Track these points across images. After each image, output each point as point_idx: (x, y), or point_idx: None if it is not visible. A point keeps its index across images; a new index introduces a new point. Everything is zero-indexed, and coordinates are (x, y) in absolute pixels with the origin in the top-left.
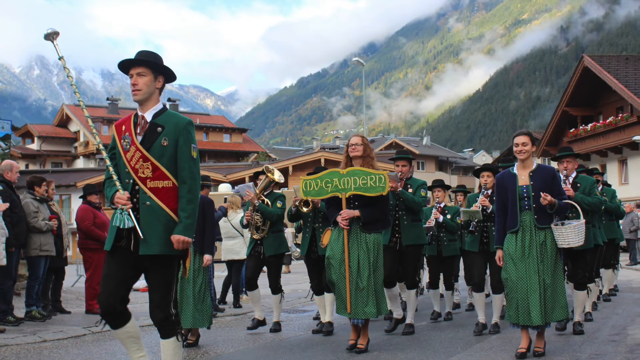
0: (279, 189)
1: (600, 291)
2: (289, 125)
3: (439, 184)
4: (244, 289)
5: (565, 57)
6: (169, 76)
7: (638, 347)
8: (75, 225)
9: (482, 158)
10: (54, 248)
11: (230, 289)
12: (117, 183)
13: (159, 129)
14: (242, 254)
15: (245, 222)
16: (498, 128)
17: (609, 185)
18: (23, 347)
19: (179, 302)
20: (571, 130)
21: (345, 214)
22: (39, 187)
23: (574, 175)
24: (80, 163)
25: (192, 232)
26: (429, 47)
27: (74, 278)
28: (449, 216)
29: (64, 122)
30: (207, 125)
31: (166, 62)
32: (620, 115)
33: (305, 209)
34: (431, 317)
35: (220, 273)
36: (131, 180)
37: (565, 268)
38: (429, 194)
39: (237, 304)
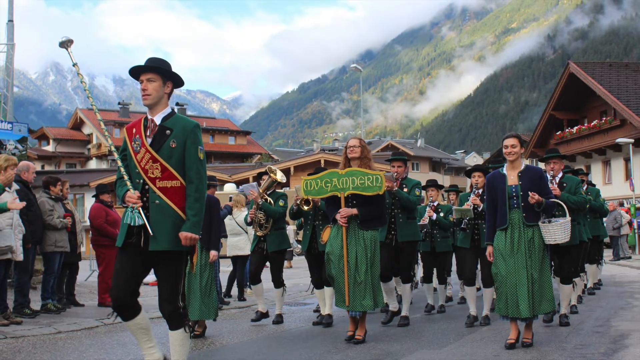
0: (281, 189)
1: (585, 285)
2: (291, 128)
3: (432, 184)
4: (248, 283)
5: (552, 64)
6: (177, 82)
7: (621, 338)
8: (88, 223)
9: (474, 159)
10: (69, 244)
11: (235, 283)
12: (128, 183)
13: (168, 131)
14: (246, 250)
15: (249, 219)
16: (488, 131)
17: (593, 185)
18: (39, 338)
19: (187, 296)
20: (557, 133)
21: (344, 212)
22: (54, 187)
23: (560, 175)
24: (93, 164)
25: (199, 229)
26: (423, 54)
27: (87, 273)
28: (442, 214)
29: (78, 125)
30: (213, 128)
31: (174, 69)
32: (604, 118)
33: (306, 208)
34: (425, 310)
35: (226, 268)
36: (141, 180)
37: (552, 263)
38: (423, 193)
39: (241, 297)
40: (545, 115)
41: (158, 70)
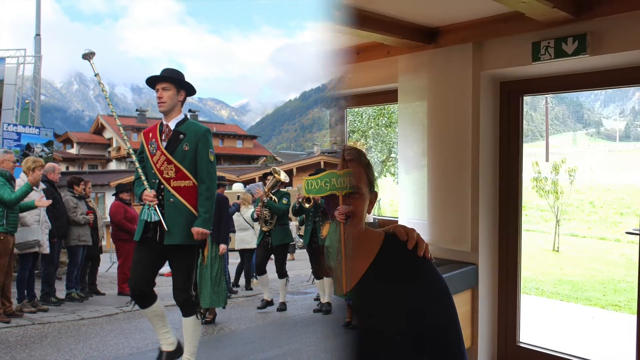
0: (285, 188)
1: None
2: (293, 132)
3: None
4: (254, 274)
5: None
6: (190, 90)
7: None
8: (109, 219)
9: None
10: (91, 239)
11: (243, 274)
12: (145, 183)
13: (181, 136)
14: (252, 244)
15: (255, 216)
16: None
17: None
18: (64, 324)
19: (198, 285)
20: None
21: (342, 209)
22: (77, 186)
23: None
24: (113, 165)
25: (210, 225)
26: None
27: (108, 264)
28: None
29: (99, 130)
30: (222, 132)
31: (187, 78)
32: None
33: (307, 205)
34: None
35: (234, 260)
36: (157, 180)
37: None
38: None
39: (248, 287)
40: None
41: (172, 80)
